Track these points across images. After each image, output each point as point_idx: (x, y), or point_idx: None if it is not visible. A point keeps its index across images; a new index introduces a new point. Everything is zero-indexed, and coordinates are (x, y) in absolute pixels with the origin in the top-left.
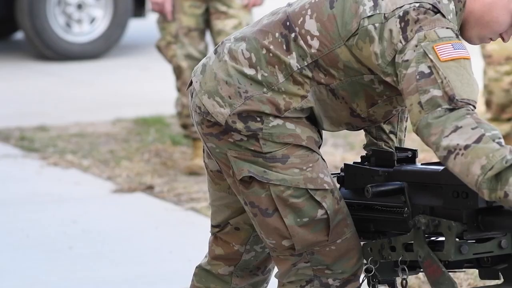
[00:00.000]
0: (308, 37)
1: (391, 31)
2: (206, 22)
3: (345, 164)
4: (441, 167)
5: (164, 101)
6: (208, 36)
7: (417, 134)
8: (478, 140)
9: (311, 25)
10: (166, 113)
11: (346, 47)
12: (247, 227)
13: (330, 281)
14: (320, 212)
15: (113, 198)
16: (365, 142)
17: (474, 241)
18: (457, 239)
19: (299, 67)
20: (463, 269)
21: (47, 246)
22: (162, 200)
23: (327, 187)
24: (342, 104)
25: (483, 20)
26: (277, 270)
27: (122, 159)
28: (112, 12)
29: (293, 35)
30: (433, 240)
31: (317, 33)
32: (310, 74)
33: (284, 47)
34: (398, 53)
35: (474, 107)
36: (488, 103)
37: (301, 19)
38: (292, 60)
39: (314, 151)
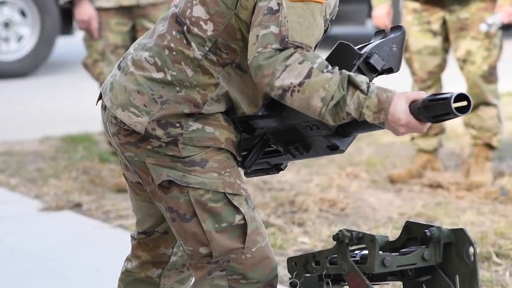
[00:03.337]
0: (201, 23)
1: None
2: (133, 39)
3: None
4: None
5: (92, 119)
6: None
7: (251, 71)
8: (308, 75)
9: (198, 11)
10: (94, 131)
11: (236, 15)
12: None
13: None
14: (237, 218)
15: (41, 217)
16: None
17: (397, 253)
18: (380, 252)
19: (203, 54)
20: (388, 282)
21: None
22: (90, 218)
23: (244, 193)
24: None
25: None
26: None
27: (50, 177)
28: (40, 30)
29: (185, 27)
30: (356, 253)
31: (207, 16)
32: (214, 58)
33: (184, 42)
34: None
35: (307, 51)
36: None
37: (188, 10)
38: (195, 52)
39: (232, 157)
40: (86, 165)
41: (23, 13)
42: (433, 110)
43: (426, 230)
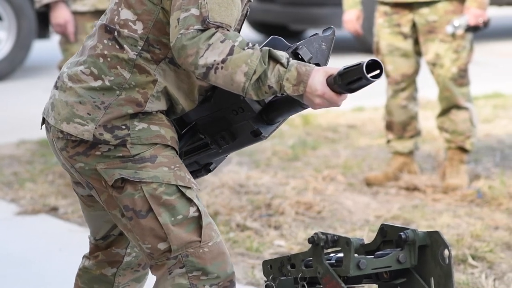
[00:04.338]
0: (130, 24)
1: None
2: None
3: None
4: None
5: None
6: None
7: (174, 53)
8: (231, 52)
9: (126, 14)
10: None
11: (163, 9)
12: None
13: None
14: (192, 210)
15: (17, 220)
16: None
17: (372, 256)
18: (355, 255)
19: (137, 53)
20: (363, 284)
21: None
22: (66, 222)
23: (194, 187)
24: (186, 71)
25: None
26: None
27: (26, 181)
28: (16, 33)
29: (116, 33)
30: (332, 256)
31: (135, 17)
32: (148, 56)
33: (117, 46)
34: None
35: (228, 30)
36: (390, 125)
37: (116, 17)
38: (128, 53)
39: (178, 155)
40: (62, 169)
41: None
42: (347, 77)
43: (401, 233)
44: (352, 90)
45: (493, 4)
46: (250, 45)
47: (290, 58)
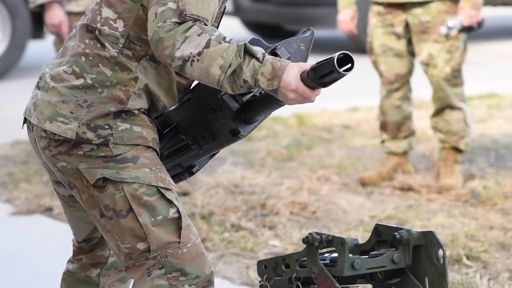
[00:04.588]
0: (111, 22)
1: None
2: None
3: None
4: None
5: None
6: None
7: (151, 46)
8: (207, 45)
9: (106, 12)
10: None
11: (142, 6)
12: None
13: None
14: (172, 211)
15: (11, 221)
16: None
17: (367, 256)
18: (350, 255)
19: (118, 51)
20: (357, 284)
21: None
22: (61, 222)
23: (174, 189)
24: (166, 67)
25: None
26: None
27: (21, 181)
28: (10, 34)
29: (97, 32)
30: (326, 256)
31: (116, 15)
32: (129, 53)
33: (99, 45)
34: None
35: (205, 24)
36: (384, 125)
37: (98, 16)
38: (110, 51)
39: (158, 157)
40: None
41: None
42: (319, 71)
43: (396, 233)
44: (324, 84)
45: (487, 4)
46: (227, 39)
47: (266, 54)
